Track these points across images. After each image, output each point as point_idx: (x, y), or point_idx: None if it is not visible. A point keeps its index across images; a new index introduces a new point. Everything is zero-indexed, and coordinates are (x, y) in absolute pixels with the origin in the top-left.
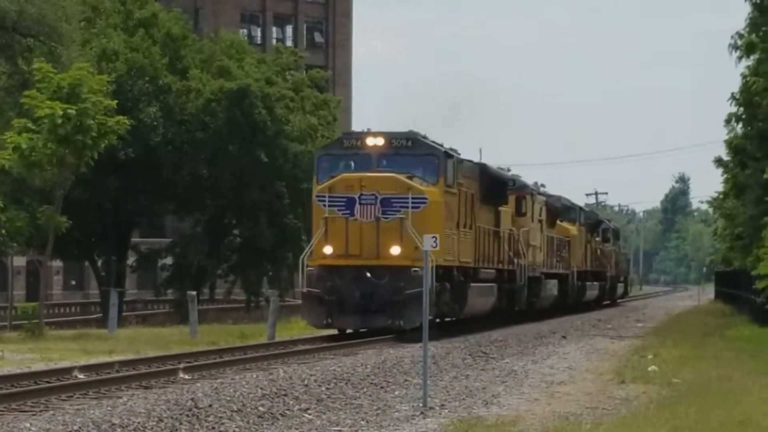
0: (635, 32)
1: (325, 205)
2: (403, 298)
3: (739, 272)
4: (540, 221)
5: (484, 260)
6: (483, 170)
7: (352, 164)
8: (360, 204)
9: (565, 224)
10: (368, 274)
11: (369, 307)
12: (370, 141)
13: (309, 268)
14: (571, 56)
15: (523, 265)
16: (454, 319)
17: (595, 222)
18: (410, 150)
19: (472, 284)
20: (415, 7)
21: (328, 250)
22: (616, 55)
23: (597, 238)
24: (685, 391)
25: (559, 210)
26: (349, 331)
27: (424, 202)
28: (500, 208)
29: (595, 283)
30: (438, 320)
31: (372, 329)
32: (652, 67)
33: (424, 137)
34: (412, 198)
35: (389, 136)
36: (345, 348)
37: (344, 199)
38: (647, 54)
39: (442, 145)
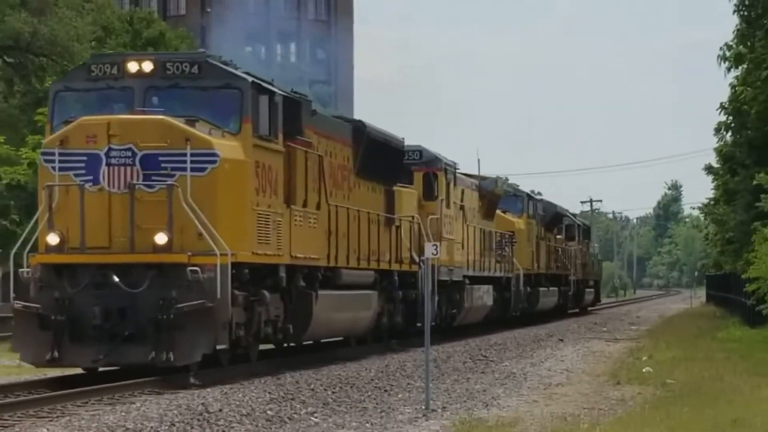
0: (625, 44)
1: (54, 168)
2: (174, 317)
3: (729, 276)
4: (462, 208)
5: (351, 257)
6: (359, 130)
7: (109, 104)
8: (108, 165)
9: (509, 216)
10: (116, 279)
11: (119, 332)
12: (133, 67)
13: (25, 270)
14: (561, 68)
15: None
16: (291, 345)
17: (554, 215)
18: (196, 81)
19: (323, 292)
20: (415, 22)
21: (53, 239)
22: (606, 65)
23: (558, 236)
24: (678, 391)
25: (498, 197)
26: (102, 368)
27: (213, 162)
28: (396, 188)
29: (552, 288)
30: (276, 347)
31: (125, 367)
32: (643, 77)
33: (227, 62)
34: (193, 155)
35: (163, 60)
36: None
37: (83, 157)
38: (637, 64)
39: (271, 82)
